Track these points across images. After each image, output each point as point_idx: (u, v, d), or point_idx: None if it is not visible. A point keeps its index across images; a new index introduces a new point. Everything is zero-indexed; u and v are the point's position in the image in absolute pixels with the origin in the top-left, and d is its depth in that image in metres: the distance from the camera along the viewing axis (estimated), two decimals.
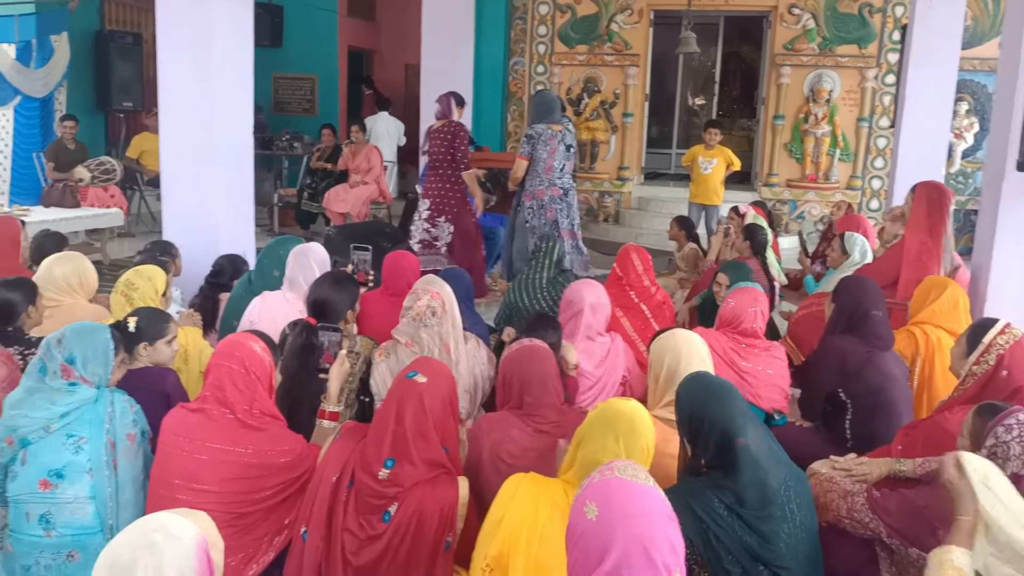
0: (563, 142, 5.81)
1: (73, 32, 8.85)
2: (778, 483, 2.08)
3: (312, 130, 10.40)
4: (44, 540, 2.46)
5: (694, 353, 2.68)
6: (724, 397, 2.14)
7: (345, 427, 2.47)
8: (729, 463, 2.07)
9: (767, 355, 3.49)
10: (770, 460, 2.12)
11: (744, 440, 2.07)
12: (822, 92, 9.59)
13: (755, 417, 2.20)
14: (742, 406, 2.15)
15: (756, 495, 2.05)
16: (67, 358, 2.54)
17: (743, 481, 2.05)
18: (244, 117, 5.09)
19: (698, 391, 2.18)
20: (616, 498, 1.46)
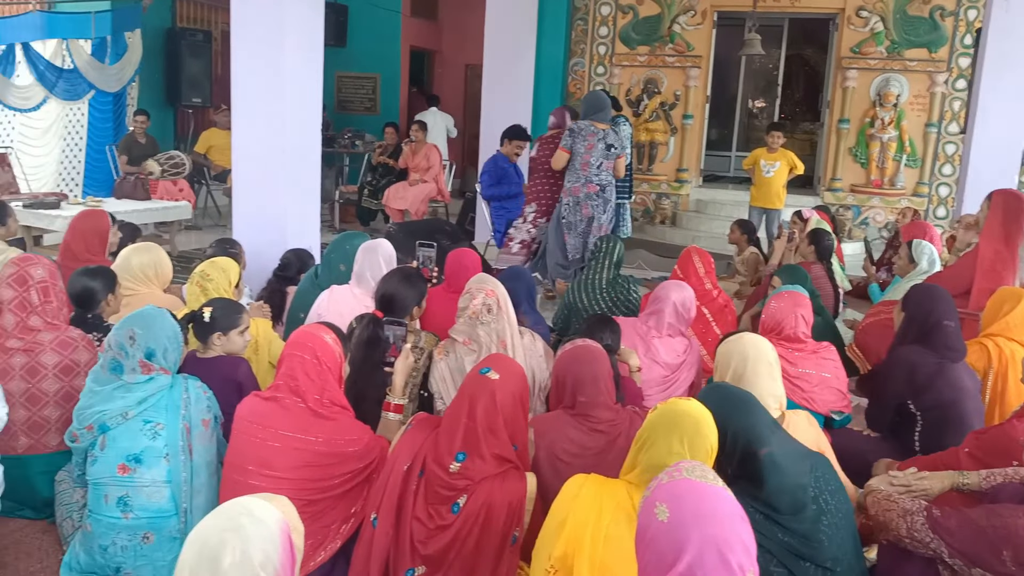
0: (604, 140, 5.82)
1: (146, 29, 9.11)
2: (806, 479, 2.09)
3: (373, 128, 10.55)
4: (121, 521, 2.55)
5: (761, 358, 2.65)
6: (746, 408, 2.14)
7: (417, 418, 2.51)
8: (755, 473, 2.07)
9: (816, 357, 3.44)
10: (794, 460, 2.11)
11: (768, 449, 2.07)
12: (889, 96, 9.39)
13: (775, 423, 2.19)
14: (763, 415, 2.15)
15: (788, 501, 2.05)
16: (146, 353, 2.60)
17: (771, 488, 2.05)
18: (313, 115, 5.19)
19: (720, 402, 2.15)
20: (687, 499, 1.46)
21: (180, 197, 8.06)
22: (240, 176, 5.18)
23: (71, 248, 4.18)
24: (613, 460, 2.42)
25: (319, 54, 5.16)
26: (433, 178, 8.94)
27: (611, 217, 6.01)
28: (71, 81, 8.36)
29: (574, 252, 5.91)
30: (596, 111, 5.91)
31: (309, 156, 5.23)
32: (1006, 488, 2.41)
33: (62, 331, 3.01)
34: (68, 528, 2.76)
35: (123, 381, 2.58)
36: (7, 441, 2.71)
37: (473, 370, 2.41)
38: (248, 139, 5.06)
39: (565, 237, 5.91)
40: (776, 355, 2.70)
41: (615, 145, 5.90)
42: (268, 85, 4.92)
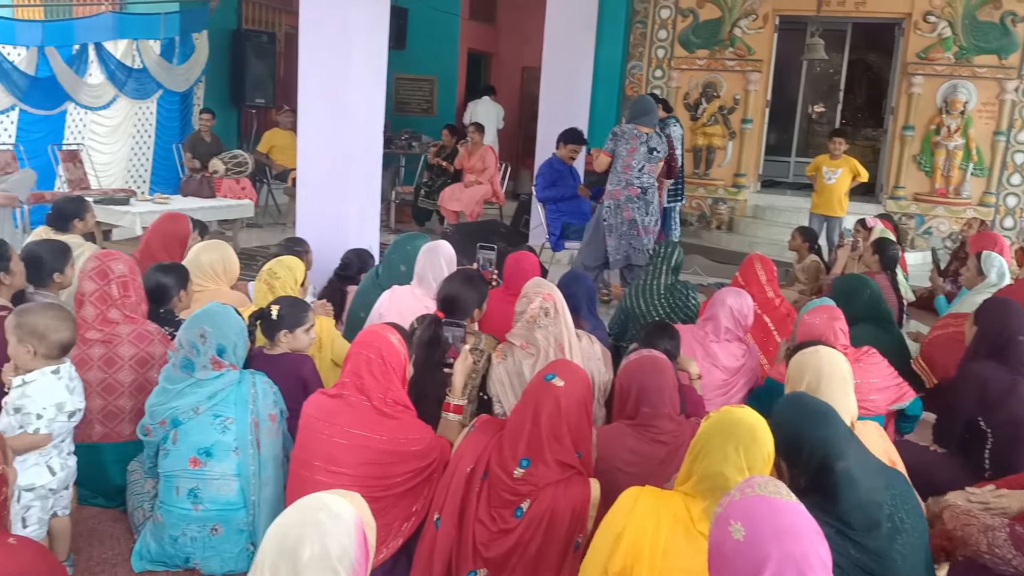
0: (647, 144, 5.85)
1: (212, 30, 9.31)
2: (882, 497, 2.03)
3: (430, 130, 10.64)
4: (192, 513, 2.63)
5: (836, 374, 2.59)
6: (824, 420, 2.08)
7: (480, 420, 2.53)
8: (830, 487, 2.01)
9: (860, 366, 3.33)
10: (870, 475, 2.06)
11: (845, 463, 2.02)
12: (956, 103, 9.15)
13: (853, 435, 2.14)
14: (842, 428, 2.09)
15: (862, 517, 2.00)
16: (217, 350, 2.67)
17: (846, 504, 2.00)
18: (376, 117, 5.26)
19: (796, 413, 2.12)
20: (764, 516, 1.45)
21: (243, 195, 8.22)
22: (304, 176, 5.27)
23: (150, 248, 4.29)
24: (674, 470, 2.40)
25: (383, 57, 5.23)
26: (488, 179, 8.98)
27: (655, 219, 6.02)
28: (140, 80, 8.59)
29: (615, 254, 5.94)
30: (641, 115, 5.94)
31: (371, 158, 5.30)
32: None
33: (139, 324, 3.10)
34: (139, 517, 2.84)
35: (195, 378, 2.65)
36: (83, 429, 2.79)
37: (538, 376, 2.42)
38: (313, 140, 5.14)
39: (607, 239, 5.94)
40: (850, 370, 2.65)
41: (658, 149, 5.91)
42: (333, 87, 5.00)
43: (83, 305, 3.04)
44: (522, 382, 3.04)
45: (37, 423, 2.47)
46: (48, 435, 2.49)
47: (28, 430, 2.45)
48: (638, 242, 5.90)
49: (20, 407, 2.49)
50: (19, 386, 2.50)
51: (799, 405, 2.18)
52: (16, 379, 2.53)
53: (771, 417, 2.15)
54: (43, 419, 2.48)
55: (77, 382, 2.63)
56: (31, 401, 2.48)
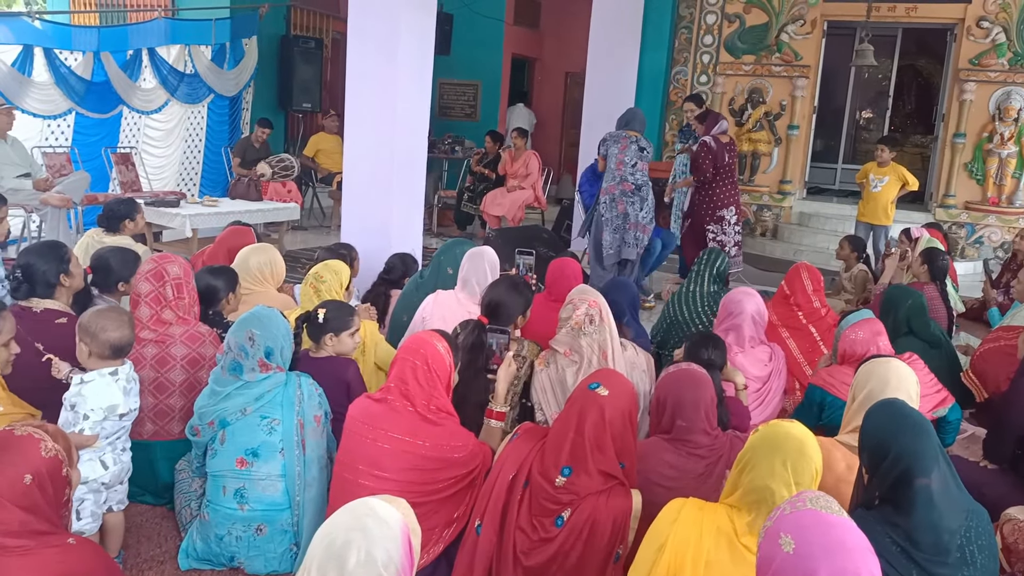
0: (636, 144, 6.16)
1: (261, 36, 9.46)
2: (957, 524, 1.96)
3: (473, 134, 10.68)
4: (237, 513, 2.67)
5: (903, 388, 2.55)
6: (916, 431, 2.02)
7: (523, 427, 2.53)
8: (905, 501, 1.97)
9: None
10: (950, 502, 1.99)
11: (927, 480, 1.96)
12: (1010, 110, 8.95)
13: (945, 457, 2.06)
14: (934, 444, 2.02)
15: (930, 540, 1.94)
16: (265, 352, 2.72)
17: (917, 522, 1.95)
18: (420, 123, 5.31)
19: (889, 420, 2.07)
20: (814, 531, 1.44)
21: (288, 199, 8.34)
22: (350, 181, 5.34)
23: (216, 259, 4.37)
24: (713, 484, 2.39)
25: (429, 63, 5.28)
26: (531, 185, 8.99)
27: (650, 216, 6.21)
28: (192, 85, 8.76)
29: (609, 248, 6.11)
30: (626, 124, 6.34)
31: (415, 163, 5.35)
32: None
33: (192, 326, 3.17)
34: (186, 516, 2.90)
35: (243, 380, 2.70)
36: (135, 427, 2.86)
37: (582, 384, 2.41)
38: (359, 145, 5.21)
39: (603, 234, 6.13)
40: (918, 389, 2.60)
41: (646, 148, 6.22)
42: (380, 92, 5.06)
43: (138, 305, 3.12)
44: (565, 389, 3.04)
45: (83, 423, 2.53)
46: (95, 436, 2.55)
47: (75, 429, 2.52)
48: (629, 236, 6.08)
49: (74, 404, 2.56)
50: (77, 384, 2.58)
51: (895, 411, 2.10)
52: (76, 377, 2.61)
53: (864, 419, 2.14)
54: (89, 420, 2.54)
55: (134, 384, 2.70)
56: (83, 400, 2.54)
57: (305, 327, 3.17)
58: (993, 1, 8.92)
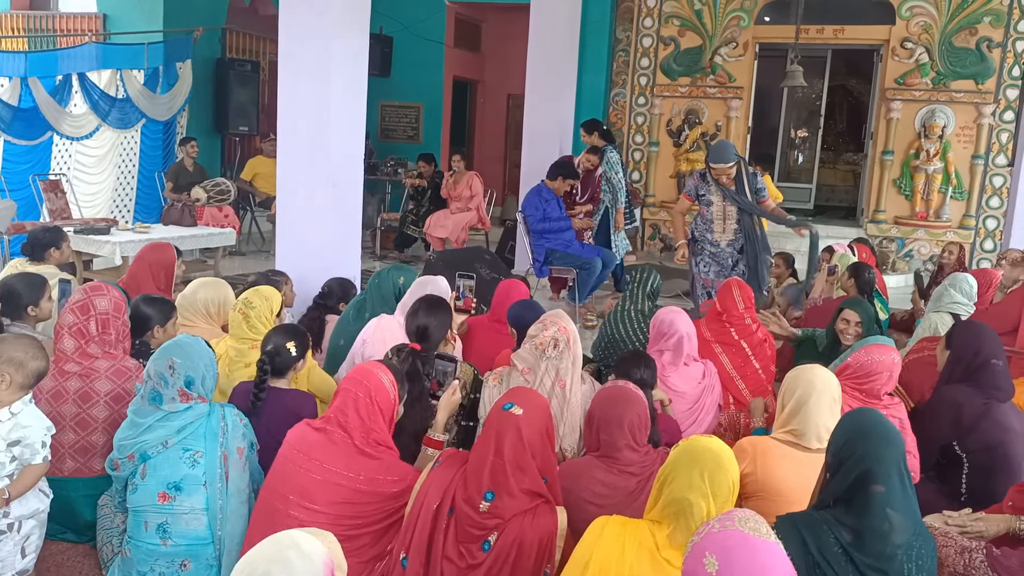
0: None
1: (196, 60, 9.34)
2: (902, 541, 2.01)
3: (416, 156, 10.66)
4: (160, 548, 2.58)
5: (826, 392, 2.62)
6: (883, 439, 2.06)
7: (445, 454, 2.51)
8: (858, 503, 2.02)
9: (888, 414, 3.33)
10: (900, 517, 2.03)
11: (882, 488, 2.01)
12: (935, 128, 9.26)
13: (907, 475, 2.10)
14: (898, 457, 2.07)
15: (875, 547, 1.99)
16: (185, 382, 2.64)
17: (865, 526, 2.00)
18: (356, 145, 5.28)
19: (862, 423, 2.12)
20: (739, 553, 1.45)
21: (225, 223, 8.22)
22: (284, 205, 5.27)
23: (136, 278, 4.27)
24: (644, 501, 2.39)
25: (363, 85, 5.25)
26: (475, 206, 9.01)
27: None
28: (123, 110, 8.60)
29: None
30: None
31: (352, 186, 5.31)
32: None
33: (118, 360, 3.08)
34: (108, 553, 2.80)
35: (163, 411, 2.63)
36: (54, 463, 2.77)
37: (496, 406, 2.40)
38: (292, 168, 5.15)
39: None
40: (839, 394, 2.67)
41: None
42: (313, 115, 5.02)
43: (62, 337, 3.02)
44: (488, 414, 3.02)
45: (44, 451, 2.51)
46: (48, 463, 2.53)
47: (36, 460, 2.47)
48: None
49: (20, 439, 2.50)
50: (9, 419, 2.50)
51: (869, 417, 2.16)
52: (3, 412, 2.52)
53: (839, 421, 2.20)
54: (47, 446, 2.52)
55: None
56: (31, 431, 2.50)
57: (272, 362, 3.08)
58: (916, 23, 9.25)
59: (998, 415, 3.06)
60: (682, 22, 10.03)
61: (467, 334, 4.18)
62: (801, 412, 2.62)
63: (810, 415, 2.61)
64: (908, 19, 9.25)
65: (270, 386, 3.06)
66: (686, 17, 10.01)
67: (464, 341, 4.11)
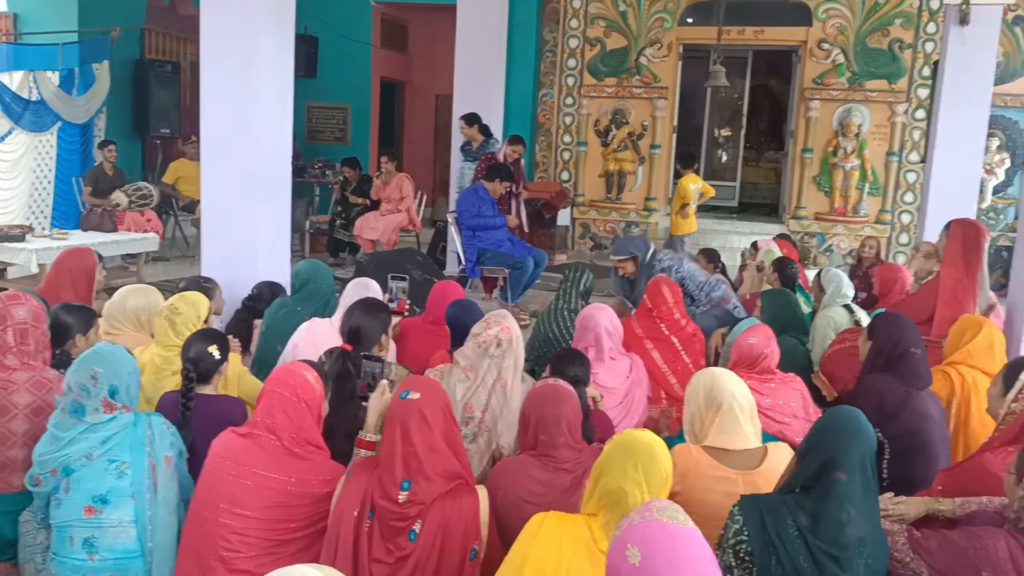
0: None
1: (114, 61, 9.07)
2: (857, 537, 2.08)
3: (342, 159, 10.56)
4: (87, 564, 2.50)
5: (727, 376, 2.69)
6: (853, 433, 2.16)
7: (355, 463, 2.48)
8: (819, 489, 2.11)
9: (786, 387, 3.48)
10: (859, 512, 2.11)
11: (844, 475, 2.09)
12: (851, 126, 9.60)
13: (871, 471, 2.18)
14: (864, 451, 2.15)
15: (832, 531, 2.07)
16: (109, 391, 2.57)
17: (825, 512, 2.08)
18: (283, 146, 5.18)
19: (839, 418, 2.22)
20: (659, 543, 1.47)
21: (148, 228, 8.00)
22: (209, 209, 5.15)
23: (55, 286, 4.11)
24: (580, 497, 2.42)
25: (289, 86, 5.16)
26: (405, 208, 8.96)
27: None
28: (38, 113, 8.29)
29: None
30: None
31: (279, 188, 5.21)
32: (980, 516, 2.46)
33: (38, 371, 2.96)
34: (31, 571, 2.69)
35: (86, 423, 2.54)
36: None
37: (394, 397, 2.40)
38: (217, 172, 5.03)
39: None
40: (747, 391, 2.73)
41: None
42: (238, 117, 4.90)
43: None
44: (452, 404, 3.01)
45: None
46: None
47: None
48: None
49: None
50: None
51: (842, 412, 2.26)
52: None
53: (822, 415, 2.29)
54: None
55: None
56: None
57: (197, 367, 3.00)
58: (831, 24, 9.57)
59: (917, 403, 3.17)
60: (607, 23, 10.17)
61: (401, 336, 4.15)
62: (714, 400, 2.62)
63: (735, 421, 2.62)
64: (824, 21, 9.57)
65: (198, 394, 2.99)
66: (611, 18, 10.15)
67: (398, 343, 4.09)
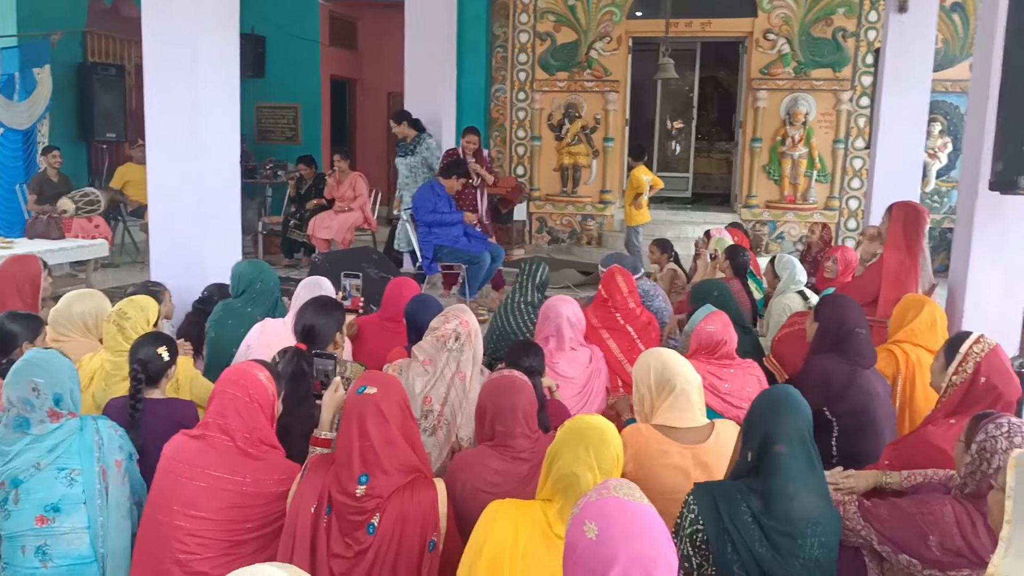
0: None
1: (56, 65, 8.87)
2: (807, 515, 2.12)
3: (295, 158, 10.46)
4: (40, 571, 2.46)
5: (676, 357, 2.74)
6: (787, 408, 2.22)
7: (311, 461, 2.48)
8: (764, 467, 2.15)
9: (744, 372, 3.54)
10: (806, 488, 2.15)
11: (783, 448, 2.13)
12: (798, 115, 9.77)
13: (810, 444, 2.21)
14: (800, 425, 2.19)
15: (783, 508, 2.10)
16: (53, 400, 2.52)
17: (773, 488, 2.12)
18: (231, 148, 5.13)
19: (769, 398, 2.28)
20: (616, 518, 1.50)
21: (96, 234, 7.85)
22: (157, 213, 5.08)
23: (3, 294, 4.02)
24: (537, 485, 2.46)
25: (235, 86, 5.11)
26: (360, 207, 8.91)
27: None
28: None
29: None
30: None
31: (228, 189, 5.15)
32: (926, 487, 2.54)
33: None
34: None
35: (32, 435, 2.50)
36: None
37: (351, 392, 2.41)
38: (164, 175, 4.96)
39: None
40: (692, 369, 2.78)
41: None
42: (184, 119, 4.85)
43: None
44: (411, 398, 3.01)
45: None
46: None
47: None
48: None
49: None
50: None
51: (776, 391, 2.34)
52: None
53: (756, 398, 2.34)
54: None
55: None
56: None
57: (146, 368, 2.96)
58: (776, 15, 9.72)
59: (863, 381, 3.25)
60: (557, 17, 10.21)
61: (358, 334, 4.14)
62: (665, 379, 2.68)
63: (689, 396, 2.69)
64: (769, 11, 9.72)
65: (147, 398, 2.96)
66: (560, 12, 10.19)
67: (355, 341, 4.07)
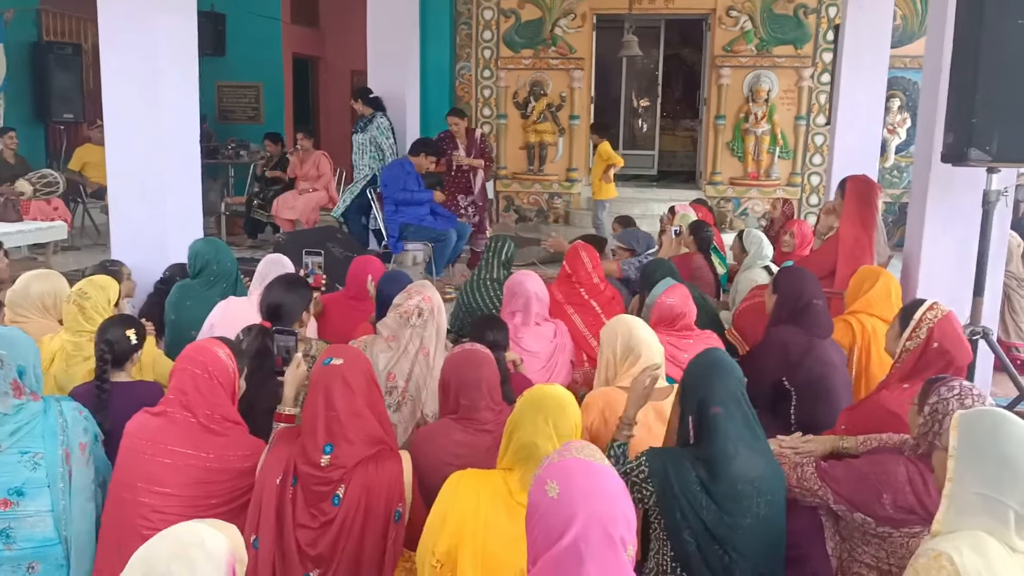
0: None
1: (9, 43, 8.69)
2: (752, 475, 2.18)
3: (257, 138, 10.35)
4: (4, 554, 2.44)
5: (643, 326, 2.87)
6: (718, 371, 2.30)
7: (277, 434, 2.50)
8: (705, 432, 2.21)
9: (703, 343, 3.58)
10: (746, 447, 2.21)
11: (719, 410, 2.20)
12: (761, 92, 9.85)
13: (745, 404, 2.29)
14: (733, 385, 2.27)
15: (726, 470, 2.17)
16: (18, 372, 2.50)
17: (715, 452, 2.18)
18: (190, 127, 5.07)
19: (701, 363, 2.36)
20: (576, 477, 1.54)
21: (55, 217, 7.71)
22: (116, 194, 5.01)
23: None
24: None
25: (194, 65, 5.04)
26: (324, 186, 8.85)
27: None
28: None
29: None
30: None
31: (188, 169, 5.10)
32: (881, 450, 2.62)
33: None
34: None
35: None
36: None
37: (317, 364, 2.44)
38: (123, 155, 4.90)
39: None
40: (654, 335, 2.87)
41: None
42: (142, 99, 4.78)
43: None
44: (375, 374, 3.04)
45: None
46: None
47: None
48: None
49: None
50: None
51: (711, 356, 2.42)
52: None
53: (688, 365, 2.40)
54: None
55: None
56: None
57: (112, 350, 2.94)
58: None
59: (820, 351, 3.33)
60: None
61: (323, 312, 4.14)
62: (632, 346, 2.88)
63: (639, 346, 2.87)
64: None
65: (113, 382, 2.94)
66: None
67: (320, 320, 4.07)
